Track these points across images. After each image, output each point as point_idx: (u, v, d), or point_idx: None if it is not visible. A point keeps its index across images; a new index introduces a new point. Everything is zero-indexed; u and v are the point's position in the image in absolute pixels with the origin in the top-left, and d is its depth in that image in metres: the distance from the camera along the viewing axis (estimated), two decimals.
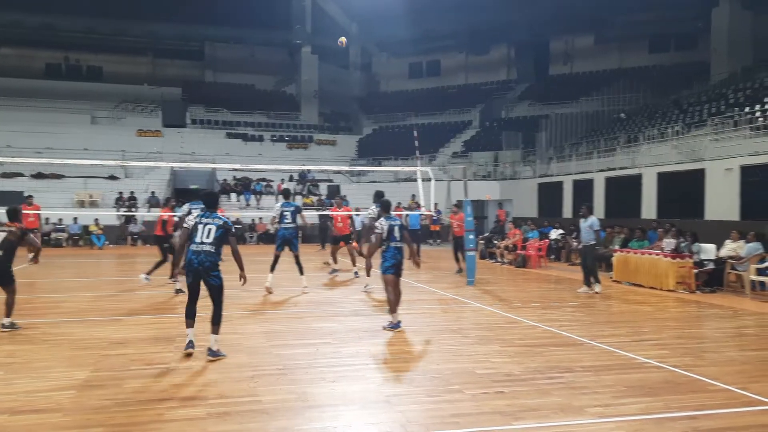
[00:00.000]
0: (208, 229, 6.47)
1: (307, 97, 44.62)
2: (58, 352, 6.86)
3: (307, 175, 34.06)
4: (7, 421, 4.60)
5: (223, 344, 6.84)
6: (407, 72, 47.64)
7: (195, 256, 6.42)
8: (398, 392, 5.58)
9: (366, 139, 42.32)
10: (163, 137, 38.51)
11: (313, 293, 11.89)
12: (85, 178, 30.87)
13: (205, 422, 4.71)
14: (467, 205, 13.58)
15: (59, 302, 10.60)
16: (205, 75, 48.10)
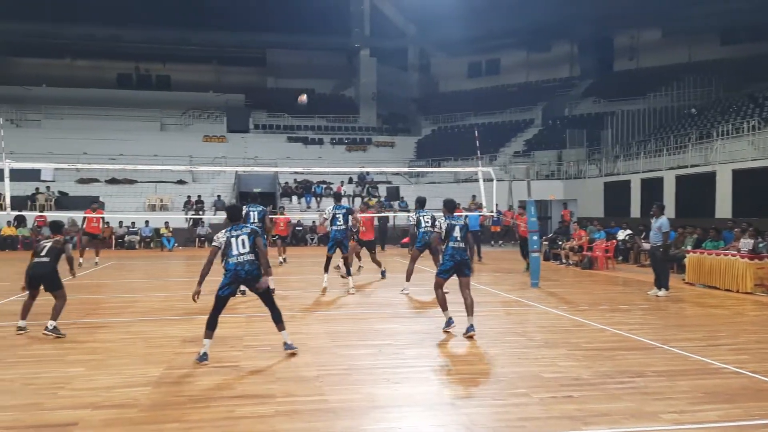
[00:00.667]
0: (241, 240, 6.62)
1: (366, 99, 44.94)
2: (133, 350, 7.14)
3: (366, 176, 34.28)
4: (89, 416, 4.82)
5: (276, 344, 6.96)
6: (466, 71, 47.28)
7: (240, 267, 6.58)
8: (463, 395, 5.54)
9: (424, 140, 42.26)
10: (228, 142, 39.59)
11: (374, 295, 11.94)
12: (156, 183, 32.02)
13: (274, 420, 4.80)
14: (531, 205, 13.36)
15: (133, 302, 11.03)
16: (266, 81, 49.14)
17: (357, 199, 32.82)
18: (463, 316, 7.95)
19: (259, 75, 49.77)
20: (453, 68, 47.24)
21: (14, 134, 33.69)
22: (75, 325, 8.64)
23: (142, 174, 31.37)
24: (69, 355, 6.85)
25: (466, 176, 31.00)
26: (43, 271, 8.01)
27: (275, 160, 35.02)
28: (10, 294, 11.63)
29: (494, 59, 46.24)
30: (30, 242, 26.08)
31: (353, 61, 46.85)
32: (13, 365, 6.41)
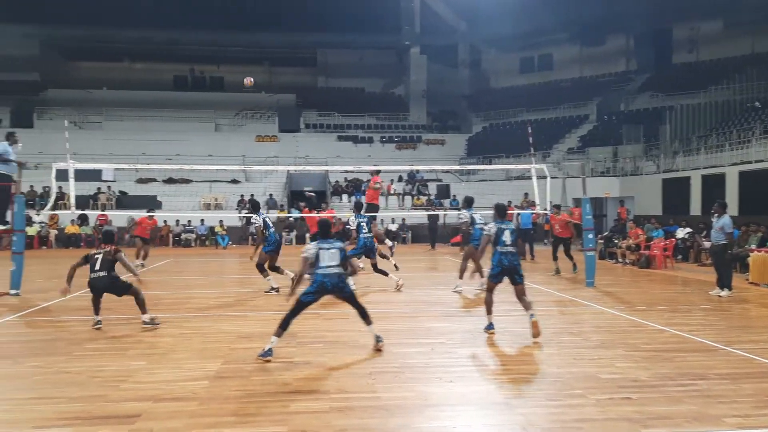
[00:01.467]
0: (331, 253, 6.86)
1: (416, 97, 44.87)
2: (191, 345, 7.33)
3: (416, 175, 34.23)
4: (151, 408, 4.98)
5: (342, 342, 7.02)
6: (518, 67, 46.58)
7: (328, 279, 6.79)
8: (517, 395, 5.47)
9: (475, 137, 41.90)
10: (279, 142, 40.20)
11: (426, 293, 11.92)
12: (210, 183, 32.79)
13: (328, 416, 4.85)
14: (586, 203, 13.08)
15: (189, 298, 11.32)
16: (317, 81, 49.65)
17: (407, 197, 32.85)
18: (524, 318, 7.84)
19: (310, 75, 50.32)
20: (504, 64, 46.61)
21: (77, 136, 35.08)
22: (136, 320, 8.91)
23: (197, 174, 32.18)
24: (131, 349, 7.09)
25: (518, 173, 30.62)
26: (103, 284, 8.24)
27: (325, 159, 35.37)
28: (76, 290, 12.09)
29: (547, 54, 45.37)
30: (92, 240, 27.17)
31: (403, 59, 46.85)
32: (80, 358, 6.68)
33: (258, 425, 4.62)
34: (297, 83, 48.95)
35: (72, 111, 39.55)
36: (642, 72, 40.78)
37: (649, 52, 41.38)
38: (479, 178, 34.46)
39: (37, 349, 7.18)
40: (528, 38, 42.45)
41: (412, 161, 33.86)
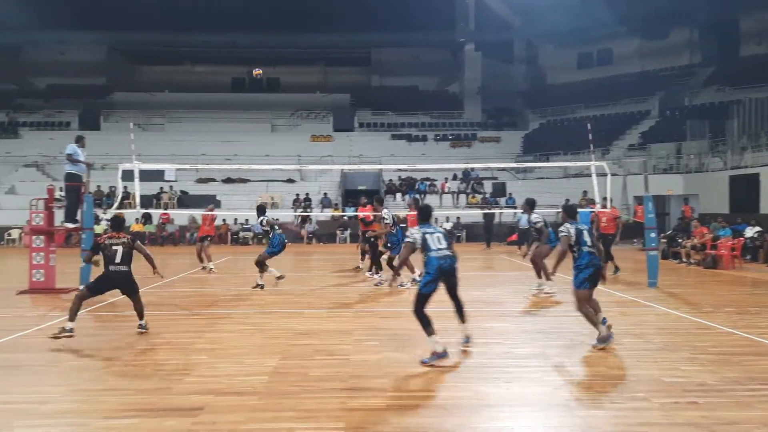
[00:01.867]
0: (437, 236, 6.75)
1: (470, 94, 44.53)
2: (251, 341, 7.49)
3: (470, 173, 33.96)
4: (213, 401, 5.11)
5: (397, 339, 7.03)
6: (576, 62, 45.57)
7: (443, 261, 6.65)
8: (578, 397, 5.35)
9: (532, 135, 41.26)
10: (334, 141, 40.60)
11: (482, 293, 11.81)
12: (267, 182, 33.41)
13: (386, 413, 4.86)
14: (648, 200, 12.69)
15: (249, 295, 11.55)
16: (371, 80, 49.88)
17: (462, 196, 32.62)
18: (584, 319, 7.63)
19: (364, 74, 50.60)
20: (562, 59, 45.65)
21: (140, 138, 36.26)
22: (198, 315, 9.18)
23: (254, 173, 32.84)
24: (194, 343, 7.29)
25: (576, 171, 29.98)
26: (121, 280, 7.81)
27: (379, 158, 35.50)
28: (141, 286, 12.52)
29: (606, 48, 44.20)
30: (155, 238, 28.09)
31: (458, 56, 46.57)
32: (144, 352, 6.92)
33: (316, 421, 4.68)
34: (351, 83, 49.31)
35: (136, 113, 40.98)
36: (707, 65, 39.27)
37: (714, 44, 39.80)
38: (536, 176, 33.94)
39: (105, 342, 7.47)
40: (586, 33, 41.43)
41: (467, 159, 33.63)
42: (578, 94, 42.33)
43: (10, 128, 41.29)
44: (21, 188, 32.83)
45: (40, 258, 11.83)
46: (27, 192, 30.64)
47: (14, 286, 12.08)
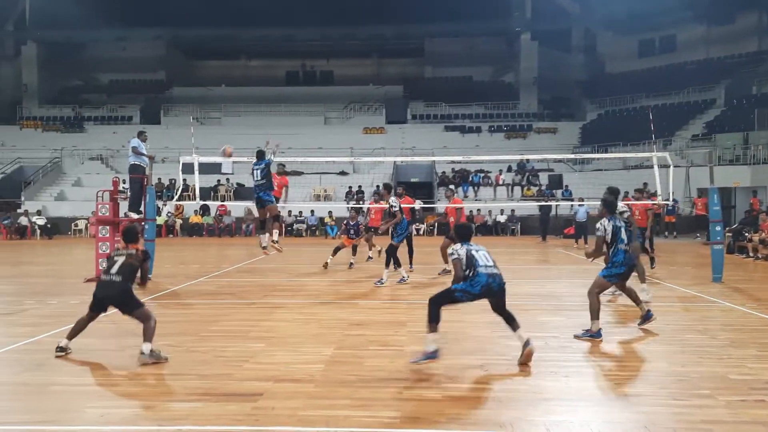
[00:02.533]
0: (483, 254, 6.27)
1: (526, 84, 43.80)
2: (307, 330, 7.61)
3: (526, 165, 33.46)
4: (272, 387, 5.22)
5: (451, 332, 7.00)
6: (636, 50, 44.14)
7: (492, 279, 6.16)
8: (639, 392, 5.22)
9: (590, 125, 40.29)
10: (386, 133, 40.65)
11: (538, 286, 11.66)
12: (320, 174, 33.73)
13: (440, 404, 4.86)
14: (713, 193, 12.23)
15: (303, 285, 11.74)
16: (424, 71, 49.64)
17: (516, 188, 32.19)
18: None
19: (417, 65, 50.41)
20: (622, 47, 44.29)
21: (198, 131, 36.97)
22: (255, 305, 9.38)
23: (307, 166, 33.15)
24: (251, 331, 7.45)
25: (636, 162, 29.13)
26: (112, 292, 6.32)
27: (432, 150, 35.33)
28: (200, 275, 12.91)
29: (669, 35, 42.61)
30: (213, 229, 28.81)
31: (513, 46, 45.85)
32: (206, 339, 7.12)
33: (372, 409, 4.72)
34: (404, 74, 49.22)
35: (194, 107, 42.03)
36: None
37: None
38: (593, 168, 33.16)
39: (168, 329, 7.69)
40: (648, 19, 40.01)
41: (522, 151, 33.11)
42: (639, 83, 41.02)
43: (76, 123, 43.04)
44: (86, 180, 34.22)
45: (106, 247, 12.28)
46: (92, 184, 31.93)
47: (82, 275, 12.61)
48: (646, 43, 43.73)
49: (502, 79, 47.56)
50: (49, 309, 9.11)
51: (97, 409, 4.74)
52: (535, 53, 43.83)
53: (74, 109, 44.65)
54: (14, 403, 4.91)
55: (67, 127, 42.20)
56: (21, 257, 18.75)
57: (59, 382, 5.42)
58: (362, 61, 51.37)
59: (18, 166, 35.53)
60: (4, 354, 6.42)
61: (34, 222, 27.88)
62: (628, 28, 42.41)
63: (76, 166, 36.84)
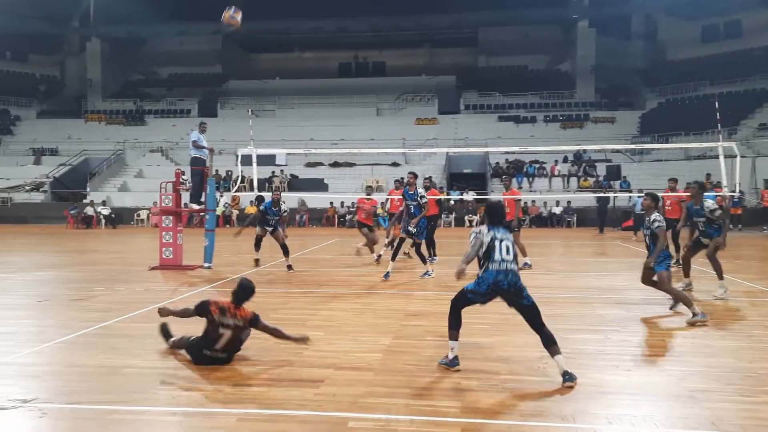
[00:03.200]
0: (506, 245, 5.50)
1: (583, 73, 42.84)
2: (364, 320, 7.71)
3: (582, 155, 32.78)
4: (332, 375, 5.33)
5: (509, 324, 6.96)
6: (699, 36, 42.56)
7: (503, 276, 5.41)
8: (704, 388, 5.09)
9: (650, 114, 39.14)
10: (439, 124, 40.49)
11: (596, 279, 11.45)
12: (372, 166, 33.91)
13: (501, 395, 4.87)
14: None
15: (359, 276, 11.87)
16: (478, 61, 49.16)
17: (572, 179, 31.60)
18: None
19: (471, 55, 49.95)
20: (684, 33, 42.77)
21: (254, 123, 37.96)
22: (312, 293, 9.54)
23: (360, 157, 33.40)
24: (309, 320, 7.60)
25: (698, 152, 28.16)
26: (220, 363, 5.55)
27: (486, 141, 35.03)
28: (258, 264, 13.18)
29: (734, 20, 40.88)
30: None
31: (570, 34, 44.89)
32: None
33: (432, 398, 4.76)
34: (457, 64, 48.89)
35: (250, 100, 42.85)
36: None
37: None
38: (653, 158, 32.23)
39: None
40: (712, 4, 38.46)
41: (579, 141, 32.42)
42: (702, 71, 39.60)
43: (137, 116, 44.51)
44: (147, 172, 35.39)
45: (169, 237, 12.72)
46: (153, 176, 33.03)
47: (145, 263, 13.10)
48: (710, 29, 42.07)
49: (558, 68, 46.65)
50: (118, 295, 9.50)
51: (168, 391, 4.95)
52: (592, 41, 42.82)
53: (135, 103, 46.20)
54: (91, 384, 5.16)
55: (129, 120, 43.72)
56: (88, 245, 19.57)
57: (132, 365, 5.66)
58: (415, 51, 51.22)
59: (83, 158, 37.06)
60: (79, 338, 6.74)
61: (99, 212, 29.06)
62: (691, 14, 40.88)
63: (137, 158, 38.15)
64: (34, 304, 8.93)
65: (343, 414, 4.42)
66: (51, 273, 11.83)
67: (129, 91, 48.56)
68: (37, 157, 38.51)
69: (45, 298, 9.28)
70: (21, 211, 32.02)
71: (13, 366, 5.65)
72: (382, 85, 46.27)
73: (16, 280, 11.42)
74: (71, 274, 12.23)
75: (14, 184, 34.27)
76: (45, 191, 34.04)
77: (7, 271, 12.56)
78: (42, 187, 34.22)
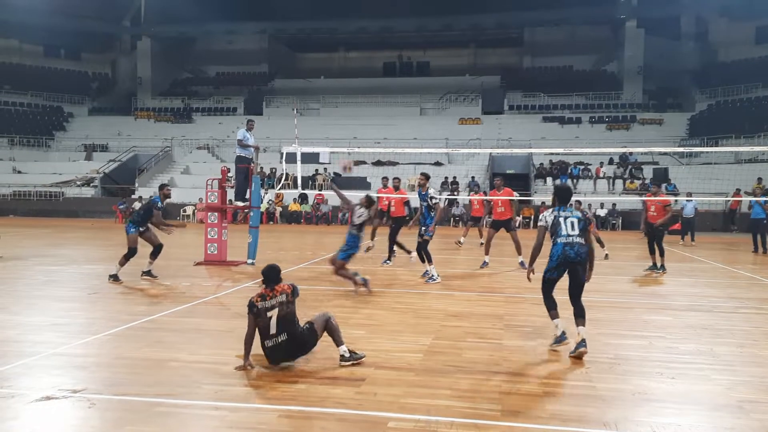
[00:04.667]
0: (570, 222, 6.32)
1: (630, 74, 41.96)
2: (405, 319, 7.74)
3: (628, 157, 32.11)
4: (373, 374, 5.39)
5: (549, 327, 6.89)
6: (753, 37, 41.14)
7: (569, 248, 6.23)
8: (753, 399, 4.97)
9: (699, 116, 38.09)
10: (482, 124, 40.22)
11: (640, 284, 11.23)
12: (415, 165, 33.86)
13: (542, 399, 4.84)
14: None
15: (399, 275, 11.90)
16: (523, 61, 48.66)
17: (618, 181, 31.01)
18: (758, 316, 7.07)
19: (516, 55, 49.48)
20: (736, 34, 41.41)
21: (298, 122, 38.40)
22: (352, 292, 9.60)
23: (403, 156, 33.40)
24: (351, 318, 7.68)
25: (749, 156, 27.30)
26: (292, 350, 5.64)
27: (529, 141, 34.65)
28: (300, 261, 13.36)
29: None
30: (310, 217, 29.64)
31: (617, 34, 44.02)
32: None
33: (473, 401, 4.76)
34: (502, 64, 48.47)
35: (295, 99, 43.34)
36: None
37: None
38: (702, 161, 31.35)
39: None
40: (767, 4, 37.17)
41: (625, 143, 31.84)
42: (755, 72, 38.28)
43: (185, 113, 45.51)
44: (194, 168, 36.15)
45: (214, 233, 13.00)
46: (199, 172, 33.74)
47: (191, 258, 13.41)
48: (764, 30, 40.59)
49: (605, 69, 45.82)
50: (164, 290, 9.77)
51: (212, 386, 5.07)
52: (641, 41, 41.88)
53: (183, 101, 47.24)
54: (137, 376, 5.33)
55: (177, 117, 44.71)
56: None
57: (177, 359, 5.83)
58: (459, 51, 51.00)
59: (133, 155, 38.08)
60: (126, 330, 6.96)
61: None
62: (744, 14, 39.55)
63: (184, 155, 39.00)
64: (84, 297, 9.25)
65: (383, 414, 4.46)
66: (101, 266, 12.22)
67: (177, 89, 49.66)
68: (88, 153, 39.75)
69: (94, 291, 9.60)
70: (72, 205, 33.11)
71: (64, 357, 5.88)
72: (426, 85, 46.19)
73: (67, 272, 11.85)
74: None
75: (66, 179, 35.45)
76: (95, 186, 35.11)
77: (59, 264, 13.03)
78: (93, 182, 35.31)
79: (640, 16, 41.65)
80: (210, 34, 49.44)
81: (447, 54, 50.84)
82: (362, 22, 45.59)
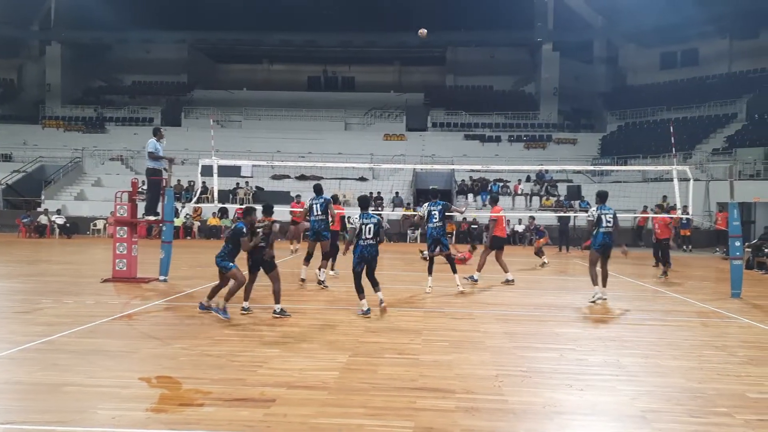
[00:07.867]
0: (608, 216, 10.30)
1: (547, 95, 43.62)
2: (322, 336, 7.59)
3: (545, 175, 33.26)
4: (285, 394, 5.21)
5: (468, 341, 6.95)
6: (658, 63, 43.74)
7: (607, 237, 10.46)
8: (655, 408, 5.14)
9: (610, 137, 40.02)
10: (407, 140, 40.65)
11: (554, 297, 11.55)
12: (340, 180, 33.77)
13: (455, 415, 4.82)
14: (733, 208, 12.07)
15: (320, 291, 11.74)
16: (446, 79, 49.63)
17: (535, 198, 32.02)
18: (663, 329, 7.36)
19: (439, 74, 50.44)
20: (644, 60, 43.94)
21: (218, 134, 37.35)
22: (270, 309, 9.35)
23: (327, 171, 33.22)
24: (266, 336, 7.46)
25: (655, 175, 28.85)
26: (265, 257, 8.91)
27: (452, 158, 35.29)
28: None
29: (691, 49, 42.14)
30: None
31: (535, 56, 45.73)
32: (220, 342, 7.12)
33: (385, 419, 4.68)
34: (425, 82, 49.29)
35: (215, 110, 42.37)
36: None
37: None
38: (612, 179, 32.85)
39: (182, 332, 7.74)
40: (671, 32, 39.63)
41: (541, 161, 32.93)
42: (660, 96, 40.71)
43: (98, 123, 43.57)
44: (106, 181, 34.59)
45: (123, 248, 12.39)
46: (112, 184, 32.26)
47: (99, 274, 12.72)
48: (668, 56, 43.32)
49: (523, 89, 47.44)
50: (66, 308, 9.18)
51: (109, 411, 4.75)
52: (556, 64, 43.65)
53: (96, 110, 45.20)
54: (28, 402, 4.94)
55: (88, 127, 42.72)
56: (39, 256, 18.95)
57: (72, 383, 5.44)
58: (384, 68, 51.51)
59: (39, 165, 36.03)
60: (19, 353, 6.46)
61: (54, 221, 28.21)
62: (650, 41, 42.08)
63: (96, 166, 37.26)
64: None
65: None
66: None
67: (90, 97, 47.50)
68: None
69: None
70: None
71: None
72: (351, 100, 46.31)
73: None
74: (17, 284, 11.77)
75: None
76: None
77: None
78: None
79: (556, 40, 43.46)
80: (126, 42, 47.65)
81: (372, 70, 51.23)
82: (286, 35, 45.28)
